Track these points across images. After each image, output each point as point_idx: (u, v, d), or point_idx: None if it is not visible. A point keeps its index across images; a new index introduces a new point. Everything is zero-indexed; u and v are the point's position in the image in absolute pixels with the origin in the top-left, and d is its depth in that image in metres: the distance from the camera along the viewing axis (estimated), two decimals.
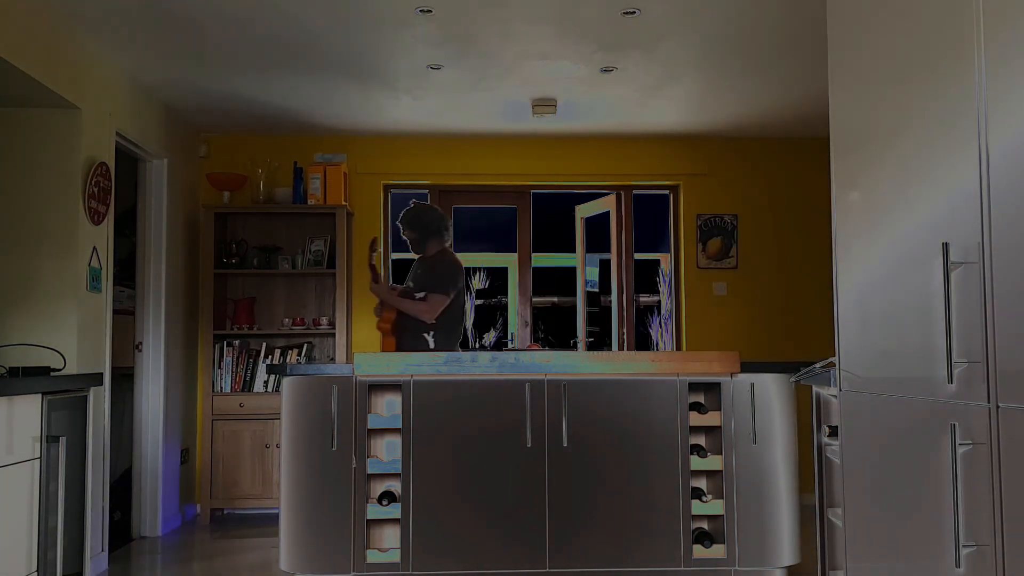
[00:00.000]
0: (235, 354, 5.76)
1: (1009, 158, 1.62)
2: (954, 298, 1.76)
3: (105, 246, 4.46)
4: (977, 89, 1.71)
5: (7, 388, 2.83)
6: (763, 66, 4.76)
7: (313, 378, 3.75)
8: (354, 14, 4.00)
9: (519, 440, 3.74)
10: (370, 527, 3.77)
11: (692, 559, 3.73)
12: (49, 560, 3.11)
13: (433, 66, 4.70)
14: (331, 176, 5.81)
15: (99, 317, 4.40)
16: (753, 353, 5.99)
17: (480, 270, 11.72)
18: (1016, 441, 1.58)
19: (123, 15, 3.99)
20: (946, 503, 1.80)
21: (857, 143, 2.30)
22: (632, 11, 3.98)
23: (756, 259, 6.26)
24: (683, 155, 6.27)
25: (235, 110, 5.52)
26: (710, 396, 3.95)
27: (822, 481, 3.14)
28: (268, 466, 5.63)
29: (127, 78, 4.81)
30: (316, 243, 5.93)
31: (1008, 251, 1.61)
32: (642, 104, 5.44)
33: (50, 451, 3.12)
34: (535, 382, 3.77)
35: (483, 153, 6.25)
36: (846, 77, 2.37)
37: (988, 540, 1.66)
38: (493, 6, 3.93)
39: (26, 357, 3.87)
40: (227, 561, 4.59)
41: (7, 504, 2.86)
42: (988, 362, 1.66)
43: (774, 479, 3.78)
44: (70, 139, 4.17)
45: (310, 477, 3.72)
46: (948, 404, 1.79)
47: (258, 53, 4.50)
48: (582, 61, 4.66)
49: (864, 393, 2.24)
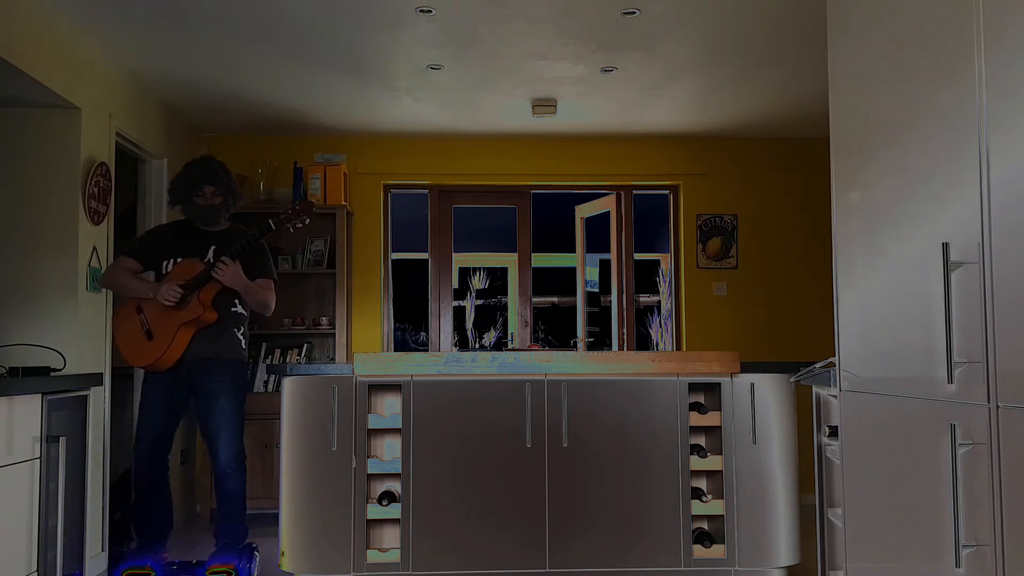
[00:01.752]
0: None
1: (1009, 158, 1.62)
2: (954, 298, 1.76)
3: (105, 246, 4.46)
4: (977, 89, 1.71)
5: (7, 388, 2.82)
6: (763, 66, 4.76)
7: (313, 378, 3.75)
8: (354, 14, 4.00)
9: (519, 440, 3.74)
10: (370, 527, 3.77)
11: (692, 559, 3.73)
12: (49, 560, 3.11)
13: (433, 66, 4.70)
14: (331, 176, 5.82)
15: (99, 317, 4.40)
16: (753, 353, 5.97)
17: (480, 270, 11.73)
18: (1016, 441, 1.58)
19: (123, 15, 3.99)
20: (946, 503, 1.80)
21: (857, 143, 2.30)
22: (632, 11, 3.98)
23: (756, 259, 6.26)
24: (683, 155, 6.27)
25: (235, 110, 5.52)
26: (710, 396, 3.95)
27: (822, 481, 3.14)
28: (268, 466, 5.63)
29: (127, 78, 4.81)
30: (316, 243, 5.93)
31: (1008, 251, 1.61)
32: (642, 104, 5.44)
33: (50, 451, 3.12)
34: (535, 382, 3.77)
35: (483, 153, 6.25)
36: (846, 77, 2.36)
37: (988, 540, 1.66)
38: (493, 6, 3.93)
39: (26, 357, 3.87)
40: None
41: (7, 504, 2.86)
42: (988, 362, 1.66)
43: (774, 479, 3.78)
44: (70, 139, 4.17)
45: (310, 477, 3.72)
46: (948, 404, 1.79)
47: (258, 53, 4.50)
48: (582, 61, 4.66)
49: (864, 393, 2.24)
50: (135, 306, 4.06)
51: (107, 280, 4.18)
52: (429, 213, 6.39)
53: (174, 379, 4.05)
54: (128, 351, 4.04)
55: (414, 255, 8.00)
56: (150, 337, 4.00)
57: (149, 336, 4.01)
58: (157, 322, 4.00)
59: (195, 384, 4.06)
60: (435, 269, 6.42)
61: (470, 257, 11.06)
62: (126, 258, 4.14)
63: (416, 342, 10.83)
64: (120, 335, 4.06)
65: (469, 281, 11.65)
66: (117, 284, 4.14)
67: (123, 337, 4.04)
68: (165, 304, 3.96)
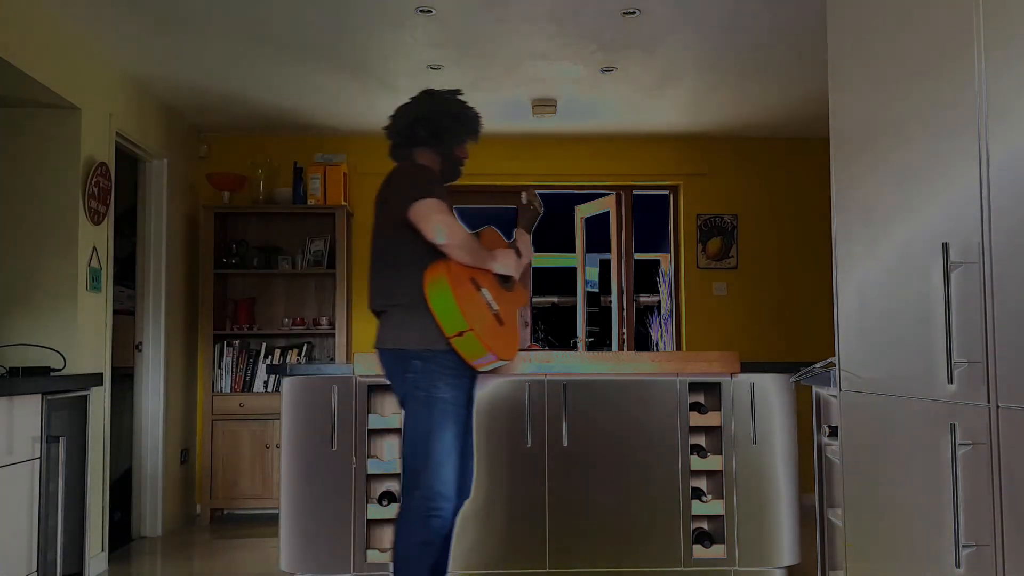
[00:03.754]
0: (235, 354, 5.76)
1: (1009, 158, 1.62)
2: (954, 298, 1.76)
3: (105, 246, 4.46)
4: (978, 89, 1.71)
5: (7, 388, 2.82)
6: (763, 66, 4.76)
7: (313, 378, 3.75)
8: (354, 14, 4.00)
9: (519, 440, 3.74)
10: (370, 527, 3.77)
11: (692, 559, 3.73)
12: (49, 560, 3.11)
13: (433, 66, 4.70)
14: (331, 176, 5.82)
15: (99, 317, 4.40)
16: (753, 353, 6.00)
17: None
18: (1016, 441, 1.58)
19: (123, 15, 3.99)
20: (946, 503, 1.80)
21: (857, 143, 2.30)
22: (632, 11, 3.98)
23: (756, 259, 6.26)
24: (683, 155, 6.27)
25: (235, 110, 5.52)
26: (710, 396, 3.95)
27: (822, 481, 3.14)
28: (268, 466, 5.63)
29: (127, 78, 4.81)
30: (316, 243, 5.93)
31: (1008, 251, 1.61)
32: (642, 104, 5.44)
33: (50, 451, 3.12)
34: (535, 382, 3.76)
35: (483, 153, 6.23)
36: (846, 77, 2.36)
37: (988, 540, 1.66)
38: (493, 6, 3.93)
39: (26, 357, 3.87)
40: (227, 561, 4.59)
41: (7, 504, 2.86)
42: (988, 362, 1.66)
43: (774, 479, 3.78)
44: (70, 139, 4.17)
45: (310, 477, 3.72)
46: (948, 404, 1.79)
47: (258, 53, 4.50)
48: (582, 61, 4.66)
49: (864, 393, 2.24)
50: (469, 277, 3.00)
51: (460, 236, 2.97)
52: None
53: (469, 386, 3.12)
54: (487, 336, 2.94)
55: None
56: (500, 323, 3.05)
57: (499, 321, 3.05)
58: (500, 304, 3.08)
59: (472, 393, 3.18)
60: None
61: None
62: (441, 203, 2.99)
63: None
64: (470, 314, 2.91)
65: None
66: (471, 247, 3.01)
67: (475, 317, 2.92)
68: (503, 282, 3.12)
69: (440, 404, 2.94)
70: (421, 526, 2.91)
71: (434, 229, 2.91)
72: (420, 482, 2.93)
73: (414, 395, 2.96)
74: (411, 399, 2.98)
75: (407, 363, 2.97)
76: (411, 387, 2.97)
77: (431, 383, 2.94)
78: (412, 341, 2.95)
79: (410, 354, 2.96)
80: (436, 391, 2.93)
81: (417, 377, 2.95)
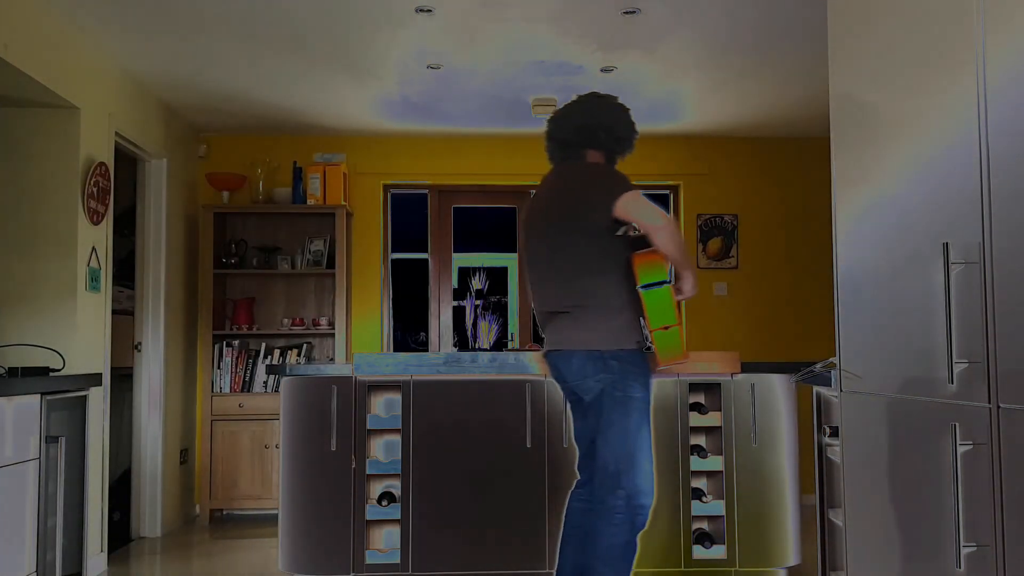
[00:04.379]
0: (234, 354, 5.76)
1: (1010, 158, 1.61)
2: (954, 298, 1.76)
3: (104, 246, 4.45)
4: (978, 87, 1.70)
5: (7, 388, 2.82)
6: (763, 66, 4.76)
7: (312, 378, 3.75)
8: (354, 14, 3.99)
9: (519, 440, 3.74)
10: (369, 527, 3.76)
11: (692, 559, 3.73)
12: (48, 560, 3.11)
13: (433, 66, 4.70)
14: (331, 176, 5.82)
15: (98, 317, 4.40)
16: (753, 353, 6.00)
17: (480, 270, 11.72)
18: (1016, 441, 1.58)
19: (123, 15, 3.99)
20: (946, 503, 1.79)
21: (858, 142, 2.29)
22: (632, 11, 3.98)
23: (756, 259, 6.26)
24: (683, 155, 6.27)
25: (235, 110, 5.52)
26: (711, 396, 3.95)
27: (823, 481, 3.14)
28: (267, 466, 5.63)
29: (127, 78, 4.81)
30: (315, 243, 5.93)
31: (1008, 251, 1.61)
32: (642, 104, 5.44)
33: (49, 451, 3.12)
34: (535, 382, 3.76)
35: (483, 153, 6.24)
36: (847, 75, 2.36)
37: (988, 540, 1.66)
38: (493, 6, 3.93)
39: (26, 357, 3.87)
40: (227, 561, 4.59)
41: (7, 504, 2.86)
42: (988, 362, 1.65)
43: (775, 479, 3.77)
44: (69, 139, 4.17)
45: (309, 477, 3.71)
46: (949, 404, 1.79)
47: (258, 53, 4.50)
48: (582, 61, 4.66)
49: (865, 393, 2.23)
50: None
51: (674, 222, 2.99)
52: (429, 213, 6.39)
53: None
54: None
55: (414, 255, 7.98)
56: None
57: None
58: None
59: None
60: (435, 269, 6.42)
61: (470, 257, 11.05)
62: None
63: (416, 342, 10.83)
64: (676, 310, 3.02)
65: (469, 281, 11.63)
66: (680, 236, 2.99)
67: (678, 314, 3.04)
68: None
69: (637, 403, 2.96)
70: (627, 526, 2.93)
71: (652, 212, 2.92)
72: (623, 482, 2.94)
73: (612, 395, 2.96)
74: (608, 399, 2.97)
75: (603, 363, 2.96)
76: (608, 387, 2.96)
77: (628, 383, 2.95)
78: (607, 342, 2.96)
79: (606, 355, 2.96)
80: (632, 391, 2.96)
81: (615, 378, 2.95)
